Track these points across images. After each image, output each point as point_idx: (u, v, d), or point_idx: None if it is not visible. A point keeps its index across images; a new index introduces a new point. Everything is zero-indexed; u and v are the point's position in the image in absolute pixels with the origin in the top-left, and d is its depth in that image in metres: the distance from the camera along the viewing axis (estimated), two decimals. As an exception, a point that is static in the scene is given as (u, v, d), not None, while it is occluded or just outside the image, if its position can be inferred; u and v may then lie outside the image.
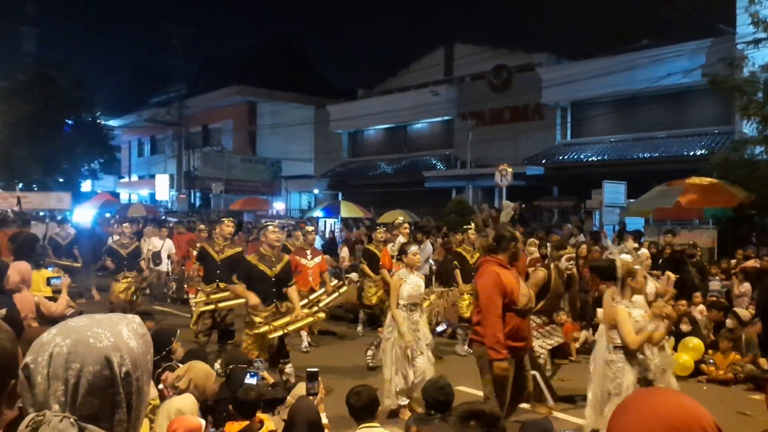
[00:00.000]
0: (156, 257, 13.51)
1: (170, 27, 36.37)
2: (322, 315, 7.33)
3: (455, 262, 9.55)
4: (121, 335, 1.13)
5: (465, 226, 10.52)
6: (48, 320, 4.98)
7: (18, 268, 5.01)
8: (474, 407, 1.51)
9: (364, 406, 3.94)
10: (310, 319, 7.04)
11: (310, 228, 10.73)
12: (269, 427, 4.01)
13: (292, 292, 6.81)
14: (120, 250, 10.71)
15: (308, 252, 9.92)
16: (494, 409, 1.54)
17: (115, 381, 1.09)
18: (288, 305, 6.83)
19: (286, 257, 6.97)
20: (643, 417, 1.21)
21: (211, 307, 7.92)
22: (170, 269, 13.88)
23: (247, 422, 3.96)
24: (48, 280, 6.24)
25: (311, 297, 8.45)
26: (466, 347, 8.90)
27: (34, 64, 34.67)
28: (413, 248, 6.68)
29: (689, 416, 1.19)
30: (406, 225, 10.11)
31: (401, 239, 12.83)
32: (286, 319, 6.62)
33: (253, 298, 6.48)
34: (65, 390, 1.06)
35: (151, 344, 1.21)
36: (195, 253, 12.20)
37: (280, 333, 6.50)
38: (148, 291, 12.33)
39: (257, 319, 6.52)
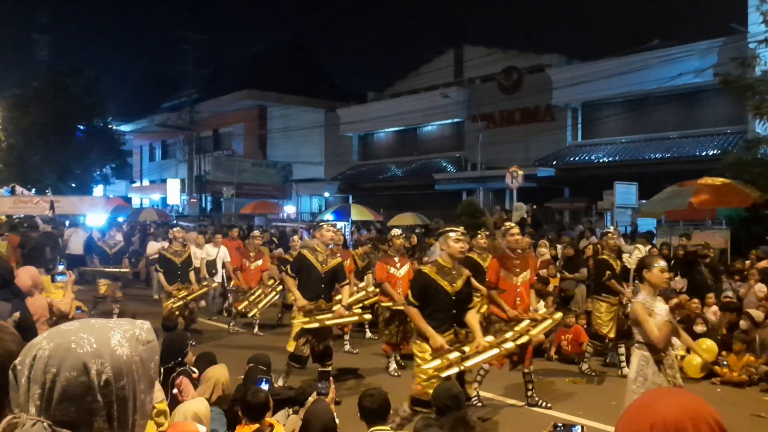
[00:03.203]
0: (211, 267, 12.15)
1: (182, 32, 36.60)
2: (509, 346, 5.76)
3: (608, 272, 8.24)
4: (108, 342, 1.09)
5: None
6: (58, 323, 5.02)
7: (29, 273, 5.05)
8: (462, 415, 1.51)
9: (377, 409, 3.94)
10: (495, 350, 5.50)
11: (397, 232, 9.01)
12: (279, 431, 4.01)
13: (472, 317, 5.49)
14: (173, 258, 9.58)
15: (396, 260, 8.56)
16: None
17: (92, 388, 1.05)
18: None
19: (467, 272, 5.60)
20: (660, 416, 1.20)
21: (316, 325, 6.76)
22: (225, 279, 12.37)
23: (257, 425, 3.96)
24: (53, 277, 6.29)
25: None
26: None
27: (47, 71, 35.02)
28: (662, 263, 4.86)
29: (686, 417, 1.19)
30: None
31: (642, 248, 10.84)
32: (465, 350, 5.24)
33: (438, 339, 5.11)
34: (41, 394, 1.05)
35: (156, 352, 1.18)
36: (251, 262, 10.74)
37: (455, 370, 5.11)
38: (203, 303, 11.06)
39: (427, 353, 5.20)
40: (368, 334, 10.50)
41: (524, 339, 6.28)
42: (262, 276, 10.90)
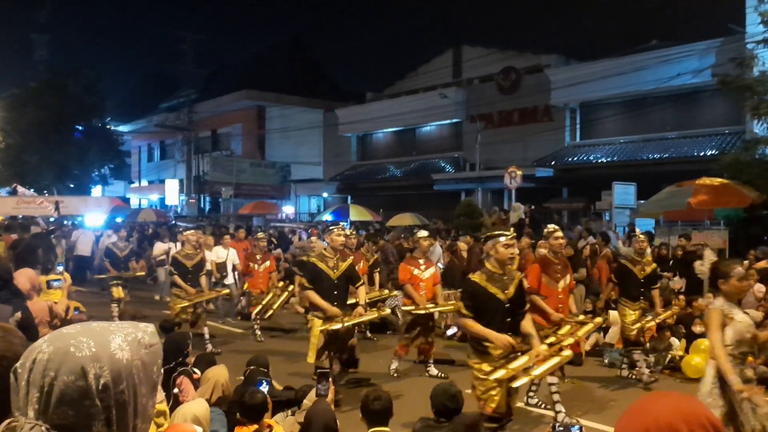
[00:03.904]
0: (222, 269, 11.92)
1: (181, 32, 36.59)
2: (568, 353, 5.45)
3: (612, 276, 8.17)
4: (108, 345, 1.09)
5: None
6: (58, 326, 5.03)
7: (27, 276, 5.04)
8: (472, 418, 1.52)
9: (381, 411, 3.98)
10: (557, 359, 5.21)
11: (423, 233, 8.66)
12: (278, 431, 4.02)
13: (528, 324, 5.20)
14: (185, 261, 9.28)
15: (421, 261, 8.26)
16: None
17: (89, 392, 1.05)
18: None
19: (519, 275, 5.32)
20: (655, 417, 1.22)
21: (338, 326, 6.52)
22: (237, 281, 12.11)
23: (255, 426, 3.97)
24: (48, 282, 6.30)
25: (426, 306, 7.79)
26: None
27: (45, 71, 34.97)
28: (739, 270, 4.49)
29: (680, 419, 1.20)
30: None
31: (710, 255, 10.20)
32: (525, 359, 4.89)
33: (501, 337, 4.80)
34: (39, 397, 1.05)
35: (159, 355, 1.18)
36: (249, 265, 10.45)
37: (525, 380, 4.88)
38: (212, 306, 10.64)
39: (485, 364, 4.90)
40: (368, 334, 10.39)
41: (570, 340, 6.11)
42: (271, 277, 10.67)
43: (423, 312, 7.98)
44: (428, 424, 4.29)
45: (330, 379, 4.24)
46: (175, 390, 4.54)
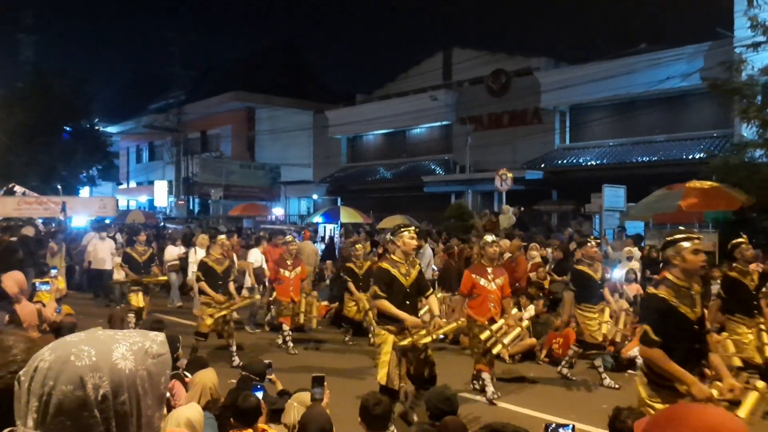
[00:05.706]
0: (261, 275, 11.55)
1: (170, 34, 36.47)
2: (761, 385, 4.34)
3: (721, 291, 7.21)
4: (110, 355, 1.06)
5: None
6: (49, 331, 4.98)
7: (15, 279, 4.97)
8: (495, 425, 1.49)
9: (382, 416, 3.99)
10: (756, 393, 4.05)
11: (490, 238, 7.67)
12: (272, 436, 3.99)
13: (716, 356, 4.38)
14: (216, 266, 8.79)
15: (490, 271, 7.35)
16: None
17: (88, 403, 1.03)
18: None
19: (699, 288, 4.35)
20: (692, 430, 1.19)
21: (427, 340, 6.07)
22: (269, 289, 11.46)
23: (249, 431, 3.94)
24: (34, 285, 6.24)
25: (493, 328, 6.96)
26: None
27: (32, 72, 34.70)
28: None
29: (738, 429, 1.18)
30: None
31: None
32: (714, 392, 3.98)
33: (704, 390, 3.89)
34: (38, 406, 1.03)
35: (167, 365, 1.14)
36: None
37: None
38: (235, 315, 9.95)
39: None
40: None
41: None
42: (303, 285, 10.04)
43: (487, 336, 7.12)
44: (424, 429, 4.29)
45: (325, 384, 4.21)
46: (167, 394, 4.50)
